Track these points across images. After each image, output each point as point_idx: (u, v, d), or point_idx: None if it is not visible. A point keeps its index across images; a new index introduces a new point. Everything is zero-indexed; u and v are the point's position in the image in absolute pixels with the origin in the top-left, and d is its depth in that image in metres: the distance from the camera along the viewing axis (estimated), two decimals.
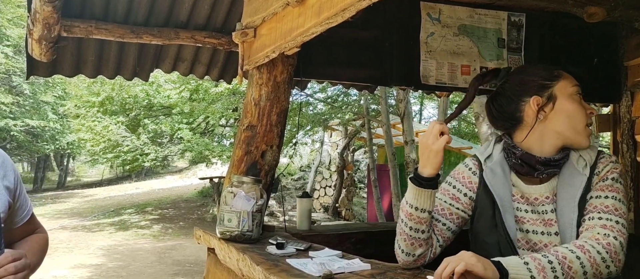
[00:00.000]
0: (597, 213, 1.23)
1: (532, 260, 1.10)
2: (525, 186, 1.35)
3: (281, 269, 1.34)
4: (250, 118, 1.99)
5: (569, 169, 1.31)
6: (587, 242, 1.15)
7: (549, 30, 2.56)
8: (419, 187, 1.28)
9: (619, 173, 1.31)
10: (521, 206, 1.34)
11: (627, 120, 2.62)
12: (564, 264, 1.10)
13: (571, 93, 1.33)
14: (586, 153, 1.33)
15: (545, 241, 1.30)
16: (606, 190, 1.27)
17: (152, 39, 2.47)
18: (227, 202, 1.72)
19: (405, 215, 1.32)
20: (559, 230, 1.28)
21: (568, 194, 1.28)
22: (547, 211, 1.31)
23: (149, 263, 7.40)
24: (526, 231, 1.32)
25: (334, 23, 1.45)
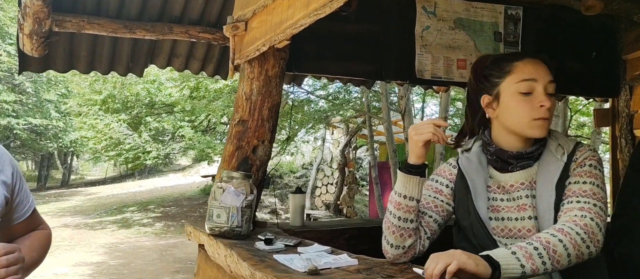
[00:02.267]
0: (575, 197, 1.25)
1: (519, 249, 1.12)
2: (501, 175, 1.39)
3: (267, 265, 1.32)
4: (241, 113, 1.97)
5: (548, 156, 1.34)
6: (565, 224, 1.17)
7: (547, 23, 2.53)
8: (407, 174, 1.33)
9: (597, 161, 1.33)
10: (497, 196, 1.38)
11: (626, 114, 2.58)
12: (549, 249, 1.12)
13: (516, 89, 1.32)
14: (565, 142, 1.36)
15: (519, 227, 1.33)
16: (584, 175, 1.29)
17: (145, 33, 2.45)
18: (216, 198, 1.70)
19: (394, 206, 1.36)
20: (536, 214, 1.31)
21: (546, 179, 1.31)
22: (521, 196, 1.34)
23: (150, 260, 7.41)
24: (502, 219, 1.35)
25: (322, 14, 1.43)
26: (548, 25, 2.52)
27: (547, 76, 1.31)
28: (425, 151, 1.34)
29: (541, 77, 1.30)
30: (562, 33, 2.54)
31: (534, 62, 1.34)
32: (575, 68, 2.58)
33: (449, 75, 2.43)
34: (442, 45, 2.41)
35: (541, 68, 1.32)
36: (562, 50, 2.55)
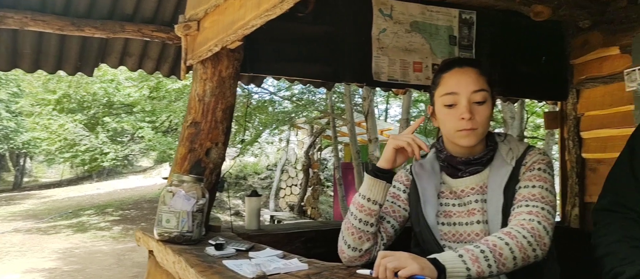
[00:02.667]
0: (524, 201, 1.27)
1: (466, 252, 1.13)
2: (453, 181, 1.41)
3: (215, 271, 1.28)
4: (194, 115, 1.92)
5: (498, 160, 1.37)
6: (513, 228, 1.19)
7: (499, 28, 2.59)
8: (374, 177, 1.35)
9: (546, 164, 1.34)
10: (449, 201, 1.40)
11: (573, 117, 2.68)
12: (495, 252, 1.14)
13: (442, 102, 1.35)
14: (516, 146, 1.38)
15: (469, 231, 1.35)
16: (534, 179, 1.30)
17: (95, 31, 2.36)
18: (165, 202, 1.65)
19: (357, 208, 1.36)
20: (486, 218, 1.33)
21: (495, 183, 1.33)
22: (471, 201, 1.36)
23: (107, 265, 7.18)
24: (453, 224, 1.37)
25: (273, 15, 1.41)
26: (500, 30, 2.59)
27: (471, 86, 1.30)
28: (394, 158, 1.35)
29: (463, 89, 1.30)
30: (514, 37, 2.61)
31: (459, 73, 1.33)
32: (526, 72, 2.65)
33: (405, 78, 2.45)
34: (398, 47, 2.43)
35: (466, 80, 1.31)
36: (514, 54, 2.62)
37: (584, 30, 2.54)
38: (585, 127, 2.63)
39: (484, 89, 1.31)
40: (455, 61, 1.39)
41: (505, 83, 2.63)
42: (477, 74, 1.32)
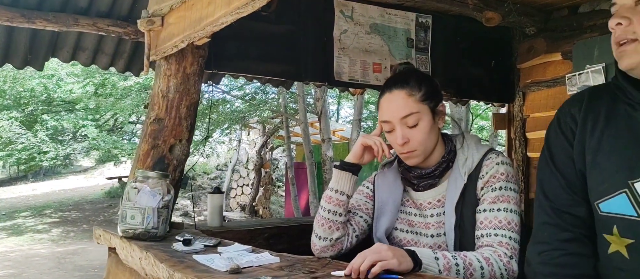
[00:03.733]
0: (493, 230, 1.28)
1: (443, 257, 1.20)
2: (415, 193, 1.45)
3: (186, 265, 1.28)
4: (157, 111, 1.89)
5: (455, 173, 1.38)
6: (492, 257, 1.24)
7: (453, 32, 2.72)
8: (341, 170, 1.42)
9: (506, 179, 1.32)
10: (412, 211, 1.45)
11: (520, 118, 2.86)
12: (467, 270, 1.20)
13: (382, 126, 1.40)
14: (472, 155, 1.38)
15: (425, 242, 1.40)
16: (498, 201, 1.30)
17: (46, 24, 2.26)
18: (130, 198, 1.62)
19: (326, 200, 1.43)
20: (443, 231, 1.37)
21: (449, 200, 1.36)
22: (432, 214, 1.41)
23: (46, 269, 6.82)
24: (415, 233, 1.43)
25: (244, 13, 1.42)
26: (454, 34, 2.72)
27: (400, 112, 1.32)
28: (362, 155, 1.43)
29: (394, 116, 1.33)
30: (466, 41, 2.75)
31: (388, 99, 1.36)
32: (477, 74, 2.80)
33: (365, 78, 2.52)
34: (359, 48, 2.49)
35: (395, 106, 1.33)
36: (466, 57, 2.76)
37: (530, 36, 2.72)
38: (531, 127, 2.82)
39: (414, 112, 1.32)
40: (387, 84, 1.40)
41: (458, 85, 2.77)
42: (406, 96, 1.32)
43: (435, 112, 1.37)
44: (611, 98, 1.07)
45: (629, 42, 0.98)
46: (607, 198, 1.03)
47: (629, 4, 0.99)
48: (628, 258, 0.99)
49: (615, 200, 1.01)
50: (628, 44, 0.98)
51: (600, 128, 1.06)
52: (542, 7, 2.59)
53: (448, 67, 2.71)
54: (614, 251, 1.02)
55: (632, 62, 0.98)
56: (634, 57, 0.98)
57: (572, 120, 1.11)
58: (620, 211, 1.00)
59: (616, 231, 1.01)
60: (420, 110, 1.33)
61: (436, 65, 2.67)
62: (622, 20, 0.99)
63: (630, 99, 1.03)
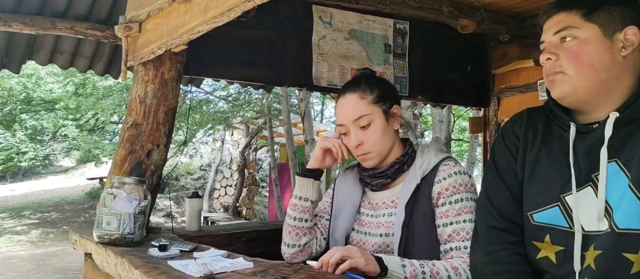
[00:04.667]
0: (462, 242, 1.31)
1: (409, 264, 1.24)
2: (371, 193, 1.49)
3: (161, 271, 1.30)
4: (135, 116, 1.90)
5: (411, 175, 1.41)
6: (461, 266, 1.27)
7: (430, 38, 2.77)
8: (303, 177, 1.45)
9: (466, 188, 1.35)
10: (367, 212, 1.48)
11: (495, 122, 2.93)
12: (435, 278, 1.23)
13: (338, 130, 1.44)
14: (428, 159, 1.41)
15: (372, 242, 1.42)
16: (462, 213, 1.33)
17: (23, 27, 2.25)
18: (106, 204, 1.63)
19: (291, 208, 1.46)
20: (392, 231, 1.38)
21: (402, 199, 1.39)
22: (384, 214, 1.43)
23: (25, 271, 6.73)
24: (364, 233, 1.46)
25: (220, 22, 1.44)
26: (431, 40, 2.78)
27: (352, 115, 1.37)
28: (323, 158, 1.46)
29: (347, 119, 1.38)
30: (443, 47, 2.81)
31: (342, 103, 1.40)
32: (453, 79, 2.87)
33: (344, 83, 2.55)
34: (337, 54, 2.53)
35: (347, 109, 1.38)
36: (443, 63, 2.82)
37: (504, 43, 2.79)
38: None
39: (365, 113, 1.36)
40: (342, 89, 1.45)
41: (435, 90, 2.82)
42: (357, 99, 1.37)
43: (389, 114, 1.41)
44: (547, 119, 1.20)
45: (558, 74, 1.11)
46: (541, 209, 1.15)
47: (555, 42, 1.13)
48: (556, 263, 1.12)
49: (549, 212, 1.14)
50: (556, 75, 1.11)
51: (537, 145, 1.18)
52: (515, 14, 2.66)
53: (425, 72, 2.77)
54: (543, 257, 1.14)
55: (561, 91, 1.11)
56: (562, 86, 1.10)
57: (515, 137, 1.23)
58: (553, 221, 1.13)
59: (548, 239, 1.13)
60: (372, 112, 1.38)
61: (414, 70, 2.72)
62: (551, 55, 1.12)
63: (561, 122, 1.16)
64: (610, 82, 1.08)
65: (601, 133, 1.07)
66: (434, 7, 2.44)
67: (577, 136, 1.11)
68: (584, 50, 1.08)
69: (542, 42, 1.17)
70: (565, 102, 1.12)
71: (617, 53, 1.08)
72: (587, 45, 1.08)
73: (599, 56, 1.07)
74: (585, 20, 1.10)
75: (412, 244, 1.35)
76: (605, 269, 1.03)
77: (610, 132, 1.06)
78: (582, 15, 1.10)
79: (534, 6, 2.53)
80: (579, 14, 1.10)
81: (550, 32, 1.14)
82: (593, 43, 1.08)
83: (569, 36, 1.11)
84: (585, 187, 1.08)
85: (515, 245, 1.18)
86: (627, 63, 1.08)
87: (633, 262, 1.01)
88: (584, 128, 1.12)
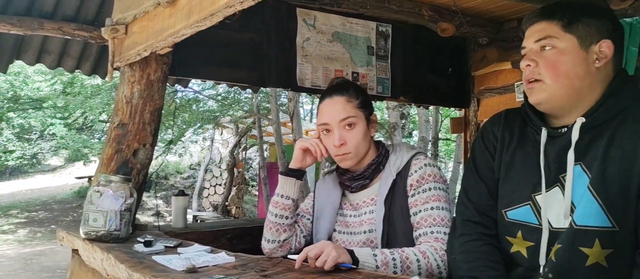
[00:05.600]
0: (429, 228, 1.40)
1: (380, 254, 1.31)
2: (351, 195, 1.57)
3: (145, 266, 1.36)
4: (121, 116, 1.95)
5: (386, 172, 1.51)
6: (428, 250, 1.35)
7: (412, 41, 2.85)
8: (285, 176, 1.53)
9: (434, 179, 1.45)
10: (348, 212, 1.56)
11: (474, 123, 3.01)
12: (404, 263, 1.31)
13: (319, 129, 1.52)
14: (401, 156, 1.51)
15: (357, 240, 1.51)
16: (430, 201, 1.42)
17: (10, 28, 2.29)
18: (92, 201, 1.68)
19: (273, 205, 1.54)
20: (374, 227, 1.47)
21: (381, 195, 1.48)
22: (365, 212, 1.52)
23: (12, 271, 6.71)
24: (350, 233, 1.54)
25: (203, 26, 1.50)
26: (412, 43, 2.85)
27: (339, 115, 1.45)
28: (303, 158, 1.53)
29: (332, 119, 1.46)
30: (424, 50, 2.89)
31: (328, 104, 1.48)
32: (434, 81, 2.95)
33: (327, 85, 2.62)
34: (321, 56, 2.60)
35: (334, 110, 1.46)
36: (424, 65, 2.90)
37: (483, 45, 2.88)
38: None
39: (351, 115, 1.46)
40: (328, 91, 1.53)
41: (417, 91, 2.90)
42: (345, 102, 1.47)
43: (369, 120, 1.52)
44: (522, 121, 1.28)
45: (536, 81, 1.17)
46: (514, 207, 1.23)
47: (535, 49, 1.18)
48: (526, 257, 1.20)
49: (521, 210, 1.22)
50: (535, 83, 1.17)
51: (513, 146, 1.26)
52: (493, 18, 2.74)
53: (407, 74, 2.84)
54: (515, 251, 1.23)
55: (538, 98, 1.17)
56: (540, 94, 1.16)
57: (494, 137, 1.31)
58: (524, 219, 1.21)
59: (520, 235, 1.21)
60: (357, 116, 1.48)
61: (396, 71, 2.79)
62: (531, 62, 1.17)
63: (534, 126, 1.23)
64: (583, 91, 1.14)
65: (569, 137, 1.14)
66: (415, 11, 2.52)
67: (547, 139, 1.18)
68: (562, 59, 1.13)
69: (524, 47, 1.21)
70: (541, 107, 1.19)
71: (591, 64, 1.14)
72: (564, 56, 1.13)
73: (575, 66, 1.13)
74: (564, 31, 1.14)
75: (393, 236, 1.45)
76: (563, 262, 1.11)
77: (576, 136, 1.13)
78: (562, 26, 1.15)
79: (511, 10, 2.62)
80: (559, 25, 1.15)
81: (532, 39, 1.18)
82: (570, 54, 1.13)
83: (548, 45, 1.15)
84: (554, 187, 1.16)
85: (488, 237, 1.26)
86: (599, 74, 1.15)
87: (588, 255, 1.09)
88: (554, 132, 1.18)
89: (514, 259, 1.22)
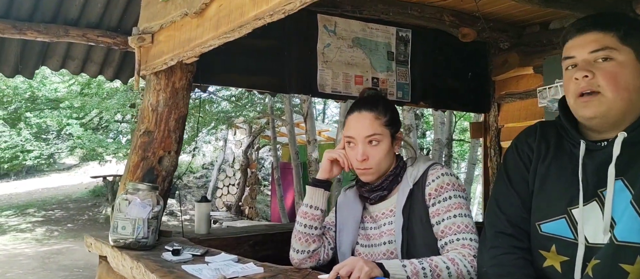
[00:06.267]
0: (455, 235, 1.40)
1: (409, 264, 1.30)
2: (371, 207, 1.57)
3: (176, 276, 1.37)
4: (147, 124, 1.98)
5: (404, 184, 1.52)
6: (456, 257, 1.35)
7: (431, 46, 2.84)
8: (314, 187, 1.54)
9: (453, 188, 1.45)
10: (369, 225, 1.57)
11: (495, 128, 2.99)
12: (434, 272, 1.30)
13: (345, 141, 1.52)
14: (417, 167, 1.52)
15: (378, 252, 1.51)
16: (452, 209, 1.43)
17: (37, 35, 2.32)
18: (121, 209, 1.70)
19: (301, 216, 1.54)
20: (394, 238, 1.47)
21: (398, 206, 1.49)
22: (385, 223, 1.52)
23: (30, 269, 6.80)
24: (371, 245, 1.54)
25: (231, 38, 1.52)
26: (432, 48, 2.84)
27: (365, 131, 1.45)
28: (331, 169, 1.54)
29: (358, 134, 1.47)
30: (444, 55, 2.88)
31: (356, 118, 1.48)
32: (453, 85, 2.93)
33: (347, 90, 2.63)
34: (341, 61, 2.60)
35: (361, 125, 1.47)
36: (444, 69, 2.89)
37: (504, 50, 2.86)
38: (505, 137, 2.96)
39: (377, 133, 1.46)
40: (357, 104, 1.53)
41: (436, 96, 2.89)
42: (373, 118, 1.47)
43: (395, 137, 1.52)
44: (558, 134, 1.25)
45: (592, 94, 1.11)
46: (548, 220, 1.21)
47: (590, 60, 1.13)
48: (560, 272, 1.17)
49: (555, 223, 1.19)
50: (592, 96, 1.11)
51: (549, 158, 1.24)
52: (515, 23, 2.72)
53: (427, 79, 2.83)
54: (548, 265, 1.20)
55: (596, 112, 1.12)
56: (598, 107, 1.11)
57: (529, 148, 1.28)
58: (559, 232, 1.19)
59: (554, 249, 1.19)
60: (383, 133, 1.48)
61: (416, 77, 2.79)
62: (588, 73, 1.11)
63: (571, 139, 1.20)
64: (635, 105, 1.11)
65: (610, 151, 1.11)
66: (436, 16, 2.51)
67: (586, 153, 1.15)
68: (621, 72, 1.09)
69: (572, 57, 1.15)
70: (594, 121, 1.13)
71: None
72: (624, 68, 1.09)
73: (633, 79, 1.09)
74: (621, 43, 1.10)
75: (413, 246, 1.45)
76: (601, 278, 1.08)
77: (618, 151, 1.10)
78: (619, 37, 1.10)
79: (533, 15, 2.60)
80: (616, 37, 1.10)
81: (585, 49, 1.12)
82: (629, 66, 1.10)
83: (607, 57, 1.10)
84: (591, 202, 1.13)
85: (520, 250, 1.23)
86: None
87: (629, 273, 1.06)
88: (593, 145, 1.15)
89: (546, 274, 1.20)
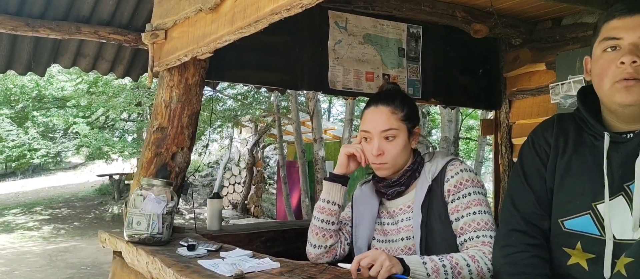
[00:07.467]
0: (474, 232, 1.38)
1: (430, 261, 1.29)
2: (388, 202, 1.56)
3: (193, 270, 1.37)
4: (160, 120, 1.98)
5: (422, 179, 1.50)
6: (477, 254, 1.33)
7: (442, 42, 2.83)
8: (331, 182, 1.53)
9: (472, 184, 1.43)
10: (386, 220, 1.56)
11: (506, 124, 2.98)
12: (455, 269, 1.29)
13: (360, 136, 1.51)
14: (437, 162, 1.50)
15: (395, 247, 1.50)
16: (471, 205, 1.40)
17: (49, 32, 2.33)
18: (136, 205, 1.70)
19: (318, 211, 1.53)
20: (412, 234, 1.45)
21: (417, 202, 1.47)
22: (402, 219, 1.50)
23: (38, 267, 6.84)
24: (389, 241, 1.53)
25: (246, 33, 1.51)
26: (443, 44, 2.83)
27: (381, 126, 1.44)
28: (347, 164, 1.53)
29: (374, 128, 1.45)
30: (455, 51, 2.87)
31: (372, 112, 1.47)
32: (465, 82, 2.92)
33: (358, 87, 2.62)
34: (352, 58, 2.59)
35: (378, 119, 1.45)
36: (455, 65, 2.88)
37: (516, 47, 2.84)
38: (516, 134, 2.94)
39: (393, 128, 1.44)
40: (374, 98, 1.52)
41: (447, 93, 2.88)
42: (390, 113, 1.45)
43: (412, 132, 1.50)
44: (577, 127, 1.21)
45: (637, 80, 1.06)
46: (572, 216, 1.17)
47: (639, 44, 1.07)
48: (587, 270, 1.13)
49: (580, 219, 1.15)
50: (637, 82, 1.06)
51: (569, 153, 1.19)
52: (527, 19, 2.70)
53: (438, 75, 2.82)
54: (573, 263, 1.16)
55: (636, 100, 1.07)
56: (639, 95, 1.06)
57: (546, 143, 1.24)
58: (584, 229, 1.15)
59: (579, 246, 1.15)
60: (399, 128, 1.46)
61: (426, 73, 2.77)
62: (637, 58, 1.05)
63: (593, 131, 1.17)
64: None
65: (636, 144, 1.08)
66: (448, 12, 2.50)
67: (610, 145, 1.11)
68: None
69: (618, 38, 1.09)
70: (629, 109, 1.09)
71: None
72: None
73: None
74: None
75: (432, 242, 1.43)
76: (635, 276, 1.04)
77: None
78: None
79: (546, 11, 2.58)
80: None
81: (636, 32, 1.06)
82: None
83: None
84: (618, 196, 1.09)
85: (535, 248, 1.20)
86: None
87: None
88: (619, 137, 1.12)
89: (571, 272, 1.16)
